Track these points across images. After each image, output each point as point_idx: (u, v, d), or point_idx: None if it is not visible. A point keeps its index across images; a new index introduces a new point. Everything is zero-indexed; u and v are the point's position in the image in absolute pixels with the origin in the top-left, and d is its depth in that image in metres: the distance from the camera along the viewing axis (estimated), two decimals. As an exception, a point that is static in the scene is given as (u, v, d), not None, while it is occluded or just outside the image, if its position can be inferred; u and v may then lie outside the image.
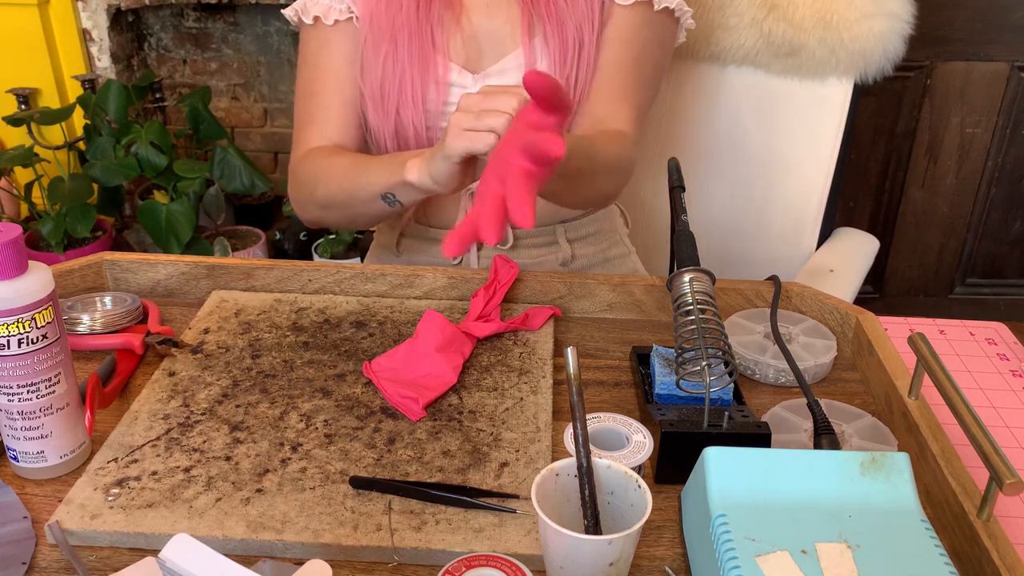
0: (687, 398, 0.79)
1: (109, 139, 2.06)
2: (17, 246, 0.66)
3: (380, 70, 1.03)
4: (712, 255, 1.09)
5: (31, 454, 0.71)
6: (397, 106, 1.03)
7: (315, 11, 1.04)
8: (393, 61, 1.02)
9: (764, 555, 0.57)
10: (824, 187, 1.33)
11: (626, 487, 0.62)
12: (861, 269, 1.31)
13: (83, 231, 1.99)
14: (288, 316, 0.94)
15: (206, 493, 0.69)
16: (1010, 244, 2.55)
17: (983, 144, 2.41)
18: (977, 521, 0.65)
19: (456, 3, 1.05)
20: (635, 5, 1.04)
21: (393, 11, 1.02)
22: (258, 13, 2.39)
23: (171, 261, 0.99)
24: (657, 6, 1.05)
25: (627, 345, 0.93)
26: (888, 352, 0.85)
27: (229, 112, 2.52)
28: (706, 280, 0.80)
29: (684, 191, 0.90)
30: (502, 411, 0.80)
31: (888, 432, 0.78)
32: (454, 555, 0.64)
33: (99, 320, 0.90)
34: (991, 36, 2.28)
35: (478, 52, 1.05)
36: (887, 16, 1.22)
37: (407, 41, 1.02)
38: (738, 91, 1.33)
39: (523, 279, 0.98)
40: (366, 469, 0.72)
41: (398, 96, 1.03)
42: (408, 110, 1.03)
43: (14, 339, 0.67)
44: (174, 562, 0.54)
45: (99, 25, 2.23)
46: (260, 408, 0.80)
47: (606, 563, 0.58)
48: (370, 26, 1.03)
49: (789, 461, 0.63)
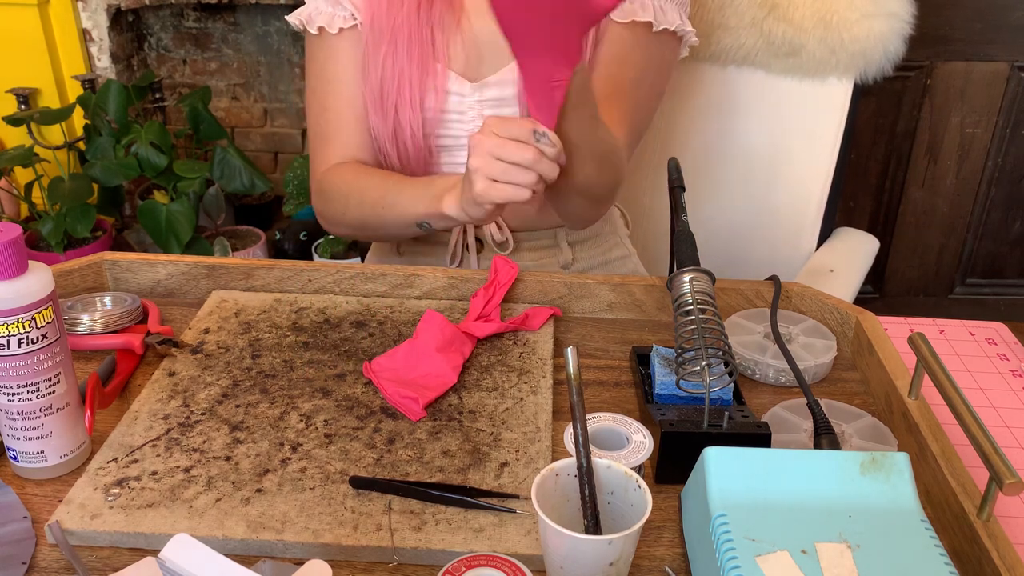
0: (687, 398, 0.79)
1: (109, 139, 2.06)
2: (17, 246, 0.66)
3: (380, 69, 1.03)
4: (712, 255, 1.09)
5: (31, 454, 0.71)
6: (395, 106, 1.03)
7: (319, 21, 1.03)
8: (392, 60, 1.02)
9: (764, 555, 0.57)
10: (824, 187, 1.33)
11: (626, 487, 0.62)
12: (861, 269, 1.31)
13: (83, 231, 1.99)
14: (288, 316, 0.94)
15: (206, 493, 0.69)
16: (1010, 244, 2.55)
17: (983, 144, 2.41)
18: (977, 521, 0.65)
19: (457, 5, 1.04)
20: (632, 24, 1.02)
21: (394, 10, 1.02)
22: (258, 13, 2.39)
23: (171, 261, 0.99)
24: (656, 27, 1.02)
25: (627, 345, 0.93)
26: (888, 352, 0.85)
27: (229, 112, 2.52)
28: (706, 280, 0.80)
29: (684, 191, 0.90)
30: (502, 411, 0.80)
31: (888, 432, 0.78)
32: (454, 555, 0.64)
33: (99, 320, 0.90)
34: (991, 36, 2.28)
35: (478, 58, 1.05)
36: (887, 16, 1.22)
37: (407, 41, 1.01)
38: (738, 91, 1.33)
39: (523, 279, 0.97)
40: (366, 469, 0.72)
41: (396, 96, 1.03)
42: (406, 111, 1.03)
43: (14, 339, 0.67)
44: (174, 562, 0.54)
45: (99, 25, 2.23)
46: (260, 408, 0.80)
47: (606, 563, 0.58)
48: (371, 26, 1.03)
49: (789, 461, 0.63)
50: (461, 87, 1.04)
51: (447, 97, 1.04)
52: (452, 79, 1.04)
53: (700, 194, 1.38)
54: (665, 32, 1.03)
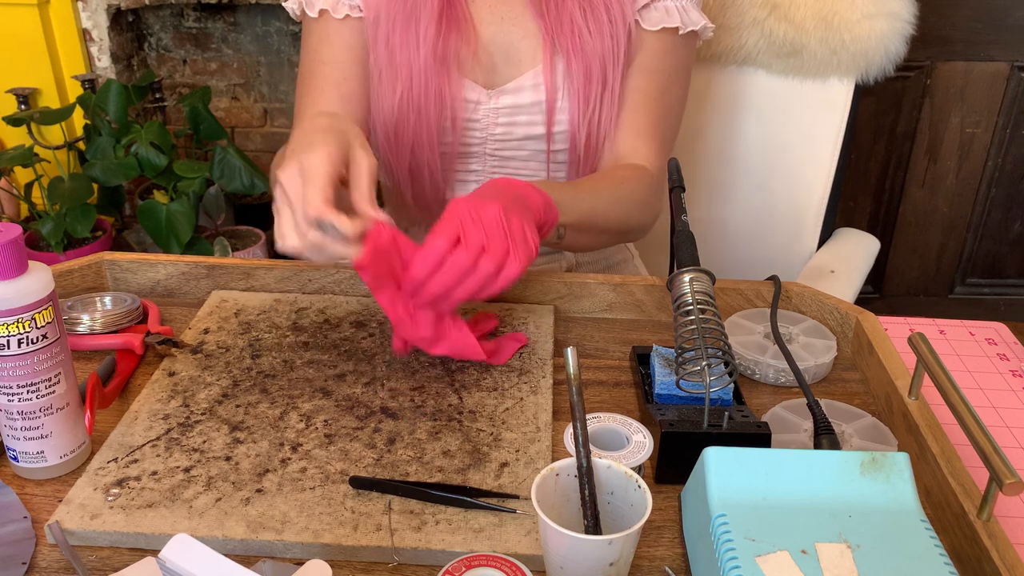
0: (687, 398, 0.79)
1: (109, 139, 2.05)
2: (17, 246, 0.66)
3: (395, 112, 1.01)
4: (712, 255, 1.09)
5: (31, 454, 0.71)
6: (412, 147, 1.02)
7: (321, 4, 1.02)
8: (408, 102, 1.00)
9: (764, 555, 0.57)
10: (825, 187, 1.33)
11: (626, 487, 0.62)
12: (861, 269, 1.31)
13: (83, 231, 1.99)
14: (288, 316, 0.94)
15: (206, 493, 0.69)
16: (1010, 244, 2.55)
17: (983, 144, 2.41)
18: (977, 521, 0.65)
19: (464, 21, 1.02)
20: (662, 31, 1.01)
21: (410, 50, 0.99)
22: (258, 13, 2.39)
23: (171, 261, 0.99)
24: (683, 30, 1.02)
25: (627, 345, 0.93)
26: (888, 352, 0.85)
27: (229, 112, 2.52)
28: (706, 280, 0.80)
29: (684, 191, 0.90)
30: (502, 411, 0.80)
31: (888, 432, 0.78)
32: (454, 555, 0.64)
33: (99, 320, 0.90)
34: (991, 36, 2.28)
35: (491, 66, 1.03)
36: (888, 16, 1.22)
37: (424, 83, 1.00)
38: (739, 91, 1.33)
39: (524, 279, 0.97)
40: (366, 469, 0.72)
41: (413, 138, 1.02)
42: (424, 152, 1.02)
43: (14, 339, 0.67)
44: (174, 562, 0.54)
45: (99, 25, 2.23)
46: (260, 408, 0.79)
47: (606, 563, 0.58)
48: (387, 63, 1.01)
49: (789, 461, 0.63)
50: (477, 94, 1.03)
51: (465, 106, 1.03)
52: (468, 87, 1.02)
53: (700, 194, 1.38)
54: (690, 33, 1.03)
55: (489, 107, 1.03)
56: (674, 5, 1.02)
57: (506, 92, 1.03)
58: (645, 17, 1.01)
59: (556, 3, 1.00)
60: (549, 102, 1.02)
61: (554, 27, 1.00)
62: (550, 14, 1.00)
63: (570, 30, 0.99)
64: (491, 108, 1.03)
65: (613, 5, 0.99)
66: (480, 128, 1.04)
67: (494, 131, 1.04)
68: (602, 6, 0.99)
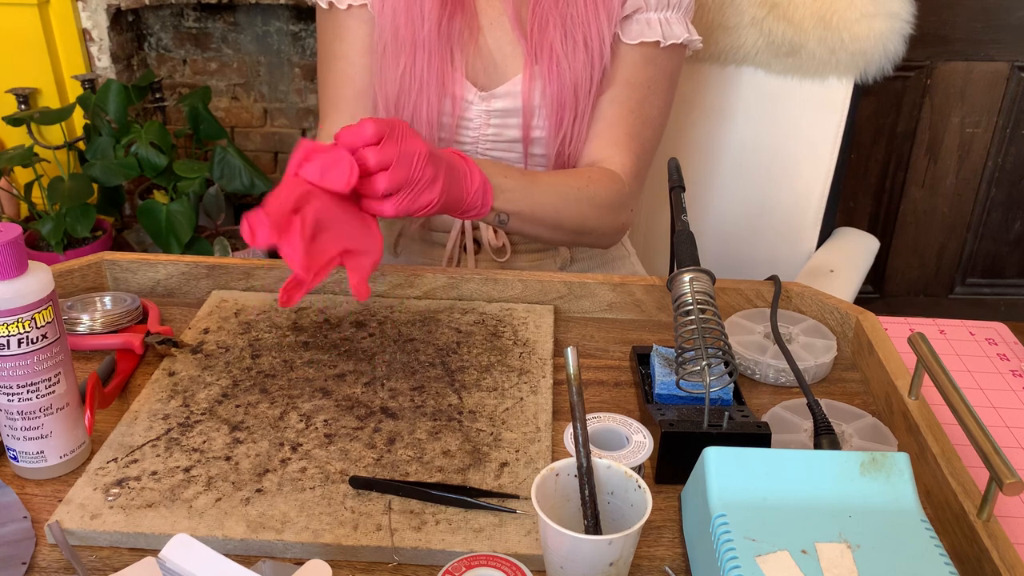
0: (687, 398, 0.79)
1: (109, 139, 2.06)
2: (17, 246, 0.66)
3: (397, 85, 1.02)
4: (712, 255, 1.09)
5: (31, 454, 0.71)
6: (411, 122, 1.03)
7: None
8: (411, 77, 1.01)
9: (764, 555, 0.57)
10: (824, 187, 1.33)
11: (626, 487, 0.62)
12: (861, 269, 1.31)
13: (83, 231, 1.99)
14: (288, 316, 0.94)
15: (206, 493, 0.69)
16: (1010, 244, 2.55)
17: (983, 144, 2.41)
18: (977, 521, 0.65)
19: (472, 17, 1.03)
20: (641, 45, 1.01)
21: (415, 25, 1.00)
22: (258, 13, 2.39)
23: (171, 261, 0.99)
24: (664, 43, 1.02)
25: (627, 345, 0.93)
26: (888, 352, 0.85)
27: (229, 112, 2.52)
28: (706, 280, 0.80)
29: (684, 191, 0.90)
30: (502, 411, 0.80)
31: (888, 432, 0.78)
32: (454, 555, 0.64)
33: (99, 320, 0.90)
34: (991, 36, 2.28)
35: (485, 69, 1.04)
36: (887, 16, 1.22)
37: (427, 58, 1.01)
38: (738, 91, 1.33)
39: (524, 280, 0.97)
40: (366, 469, 0.72)
41: (412, 112, 1.02)
42: (422, 128, 1.03)
43: (14, 339, 0.67)
44: (174, 562, 0.54)
45: (99, 25, 2.23)
46: (260, 408, 0.80)
47: (606, 563, 0.58)
48: (392, 37, 1.02)
49: (789, 461, 0.63)
50: (471, 94, 1.04)
51: (463, 104, 1.04)
52: (467, 86, 1.03)
53: (700, 194, 1.38)
54: (673, 46, 1.03)
55: (481, 108, 1.04)
56: (656, 18, 1.02)
57: (496, 96, 1.04)
58: (625, 30, 1.02)
59: (539, 26, 1.01)
60: (526, 116, 1.03)
61: (536, 49, 1.01)
62: (532, 38, 1.01)
63: (548, 56, 1.00)
64: (482, 110, 1.04)
65: (592, 30, 1.00)
66: (473, 128, 1.05)
67: (486, 131, 1.05)
68: (580, 33, 1.00)
